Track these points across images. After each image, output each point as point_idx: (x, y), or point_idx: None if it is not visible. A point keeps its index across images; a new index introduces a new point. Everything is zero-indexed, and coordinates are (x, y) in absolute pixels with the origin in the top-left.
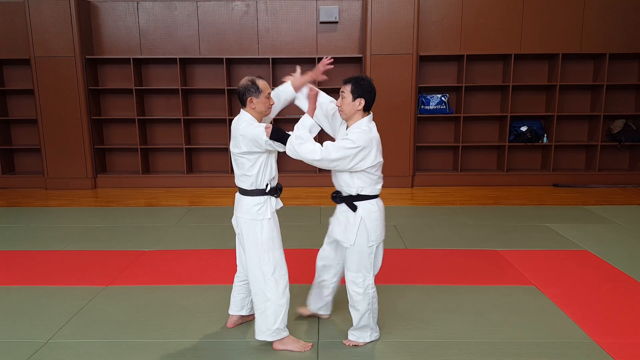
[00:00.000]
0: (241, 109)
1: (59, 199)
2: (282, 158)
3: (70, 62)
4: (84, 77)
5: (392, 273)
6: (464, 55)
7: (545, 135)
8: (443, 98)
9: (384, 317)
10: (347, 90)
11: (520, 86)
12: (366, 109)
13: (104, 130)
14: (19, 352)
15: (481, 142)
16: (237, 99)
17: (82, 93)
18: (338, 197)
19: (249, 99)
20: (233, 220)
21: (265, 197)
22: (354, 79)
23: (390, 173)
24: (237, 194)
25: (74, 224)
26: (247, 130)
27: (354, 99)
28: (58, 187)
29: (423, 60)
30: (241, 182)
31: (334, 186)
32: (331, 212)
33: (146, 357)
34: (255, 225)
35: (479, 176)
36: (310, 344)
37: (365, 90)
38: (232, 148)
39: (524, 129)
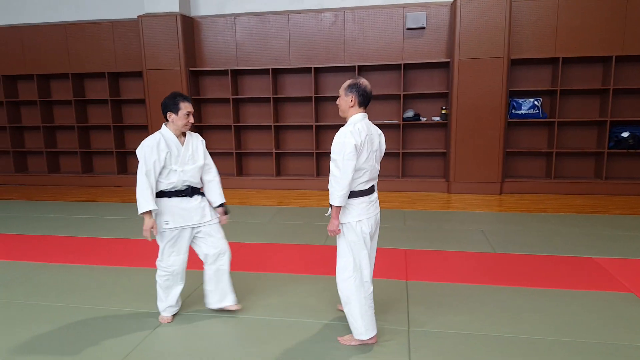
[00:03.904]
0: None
1: None
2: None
3: (176, 74)
4: (188, 87)
5: (479, 274)
6: (559, 57)
7: None
8: (536, 102)
9: (473, 314)
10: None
11: (622, 90)
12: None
13: (204, 136)
14: (148, 321)
15: (577, 149)
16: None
17: None
18: None
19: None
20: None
21: None
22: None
23: (477, 179)
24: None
25: None
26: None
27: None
28: None
29: (515, 63)
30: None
31: (417, 191)
32: (415, 215)
33: (251, 331)
34: None
35: (574, 184)
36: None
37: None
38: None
39: (625, 134)
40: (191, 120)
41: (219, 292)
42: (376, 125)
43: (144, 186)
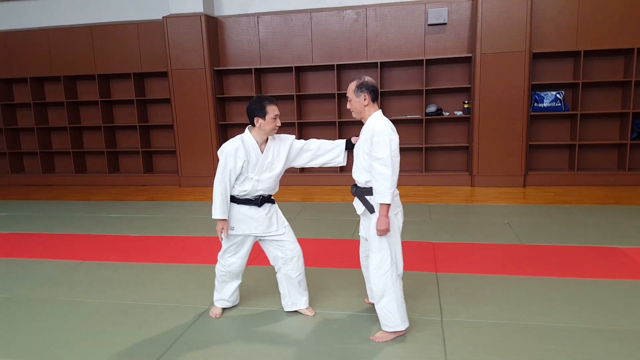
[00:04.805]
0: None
1: (191, 195)
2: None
3: (201, 74)
4: (213, 87)
5: (508, 265)
6: (580, 50)
7: None
8: (558, 95)
9: (505, 304)
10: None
11: None
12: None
13: (229, 135)
14: (187, 314)
15: (600, 141)
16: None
17: (211, 101)
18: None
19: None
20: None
21: None
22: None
23: (500, 172)
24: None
25: (208, 215)
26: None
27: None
28: (190, 185)
29: (536, 57)
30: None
31: (440, 185)
32: (440, 209)
33: (282, 324)
34: None
35: (597, 176)
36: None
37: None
38: None
39: None
40: (278, 123)
41: (291, 297)
42: (399, 120)
43: (217, 192)
